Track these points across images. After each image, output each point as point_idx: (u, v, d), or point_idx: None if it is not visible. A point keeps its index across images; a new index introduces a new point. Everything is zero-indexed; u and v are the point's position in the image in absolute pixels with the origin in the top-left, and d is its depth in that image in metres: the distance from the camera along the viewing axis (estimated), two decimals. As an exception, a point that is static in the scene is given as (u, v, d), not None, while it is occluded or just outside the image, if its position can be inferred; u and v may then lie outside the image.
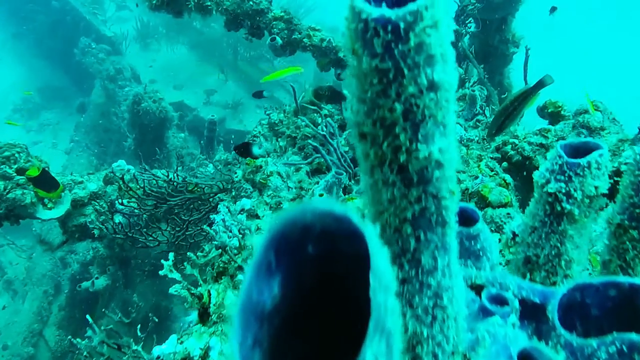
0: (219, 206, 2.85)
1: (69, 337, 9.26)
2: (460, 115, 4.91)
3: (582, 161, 1.05)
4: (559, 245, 1.12)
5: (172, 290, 2.30)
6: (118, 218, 4.53)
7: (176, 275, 2.25)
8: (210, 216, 2.84)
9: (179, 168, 5.97)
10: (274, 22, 5.41)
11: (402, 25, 0.46)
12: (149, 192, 4.13)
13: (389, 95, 0.49)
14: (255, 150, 3.38)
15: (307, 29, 5.37)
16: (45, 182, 4.32)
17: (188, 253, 2.28)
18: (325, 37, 5.29)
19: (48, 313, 9.56)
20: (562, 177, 1.07)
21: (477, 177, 3.07)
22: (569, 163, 1.06)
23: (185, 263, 2.26)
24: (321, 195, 3.01)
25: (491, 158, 3.29)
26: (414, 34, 0.46)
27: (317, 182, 3.56)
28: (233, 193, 3.81)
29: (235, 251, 2.59)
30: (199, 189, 4.06)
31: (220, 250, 2.68)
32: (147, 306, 8.91)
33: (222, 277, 2.59)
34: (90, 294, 8.24)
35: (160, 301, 7.98)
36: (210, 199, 4.09)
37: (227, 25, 5.66)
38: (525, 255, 1.17)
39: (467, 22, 5.22)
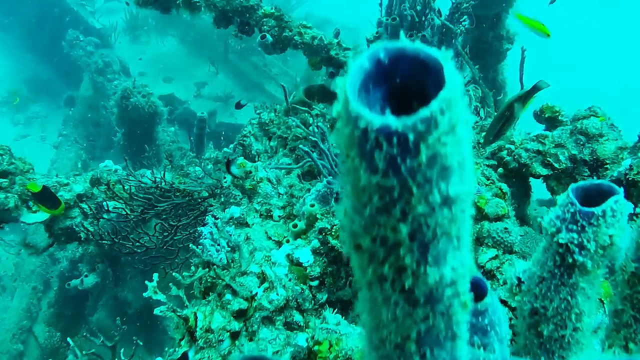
0: (206, 217, 2.75)
1: (58, 333, 9.20)
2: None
3: (597, 210, 0.96)
4: (569, 298, 1.03)
5: (157, 311, 2.21)
6: (105, 222, 4.42)
7: (161, 297, 2.16)
8: (198, 229, 2.74)
9: (167, 167, 5.87)
10: (264, 19, 5.29)
11: (411, 136, 0.36)
12: (136, 198, 4.02)
13: (392, 214, 0.39)
14: (234, 170, 3.28)
15: (298, 27, 5.25)
16: (47, 198, 4.22)
17: (174, 274, 2.18)
18: (317, 34, 5.17)
19: (37, 309, 9.46)
20: (575, 227, 0.98)
21: (473, 186, 2.99)
22: (582, 212, 0.97)
23: (170, 284, 2.16)
24: (312, 205, 2.91)
25: (487, 165, 3.20)
26: (426, 146, 0.36)
27: (309, 189, 3.47)
28: (222, 199, 3.71)
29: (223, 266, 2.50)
30: (187, 192, 3.95)
31: (207, 268, 2.59)
32: (138, 303, 8.83)
33: (210, 294, 2.50)
34: (80, 291, 8.14)
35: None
36: (199, 205, 3.99)
37: (216, 22, 5.53)
38: (532, 306, 1.08)
39: (461, 20, 5.12)
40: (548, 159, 3.19)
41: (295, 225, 2.99)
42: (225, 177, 3.84)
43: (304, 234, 2.98)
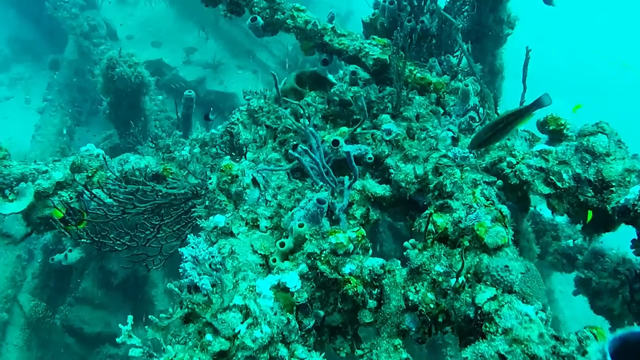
0: (188, 237, 2.58)
1: (44, 304, 9.10)
2: (452, 110, 4.62)
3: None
4: None
5: (132, 353, 2.05)
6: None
7: (135, 341, 2.00)
8: (179, 249, 2.57)
9: (152, 151, 5.65)
10: (255, 0, 5.00)
11: None
12: (117, 199, 3.82)
13: None
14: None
15: (291, 9, 4.97)
16: (71, 215, 4.12)
17: (150, 316, 2.02)
18: (311, 18, 4.90)
19: (22, 278, 9.34)
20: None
21: (471, 207, 2.83)
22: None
23: (146, 327, 2.00)
24: (301, 225, 2.74)
25: (486, 183, 3.03)
26: None
27: (298, 200, 3.29)
28: (207, 202, 3.52)
29: (205, 299, 2.34)
30: (171, 194, 3.76)
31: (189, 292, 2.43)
32: (123, 273, 8.74)
33: (191, 325, 2.34)
34: (64, 265, 8.03)
35: (137, 268, 7.80)
36: (183, 205, 3.80)
37: (204, 0, 5.24)
38: None
39: (462, 9, 4.85)
40: (551, 177, 3.02)
41: (282, 244, 2.83)
42: (210, 178, 3.65)
43: (291, 253, 2.82)
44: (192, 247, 2.57)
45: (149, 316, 2.08)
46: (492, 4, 5.97)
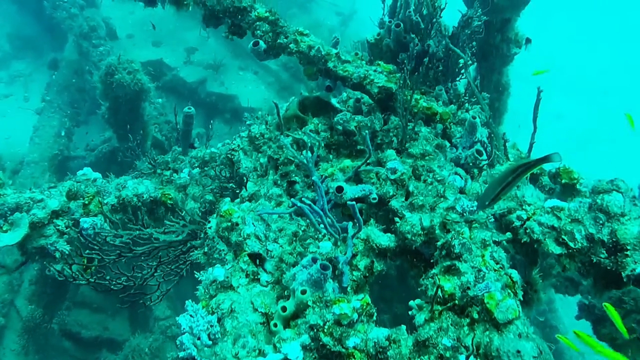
0: (186, 303, 2.47)
1: (41, 310, 9.01)
2: (459, 142, 4.50)
3: None
4: None
5: None
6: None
7: None
8: (176, 318, 2.47)
9: (150, 176, 5.53)
10: (258, 23, 4.85)
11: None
12: (113, 244, 3.72)
13: None
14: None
15: (294, 33, 4.82)
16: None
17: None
18: (314, 43, 4.75)
19: (19, 282, 9.26)
20: None
21: (480, 270, 2.72)
22: None
23: None
24: (304, 292, 2.63)
25: (496, 243, 2.92)
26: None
27: (300, 253, 3.18)
28: (206, 249, 3.41)
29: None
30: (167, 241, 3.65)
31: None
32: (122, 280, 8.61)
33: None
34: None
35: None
36: (181, 246, 3.70)
37: (205, 20, 5.11)
38: None
39: (472, 42, 4.67)
40: (563, 236, 2.91)
41: (284, 308, 2.72)
42: (209, 221, 3.54)
43: (293, 318, 2.71)
44: (191, 316, 2.46)
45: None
46: (500, 24, 5.84)
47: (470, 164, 4.23)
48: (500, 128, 6.28)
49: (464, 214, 3.09)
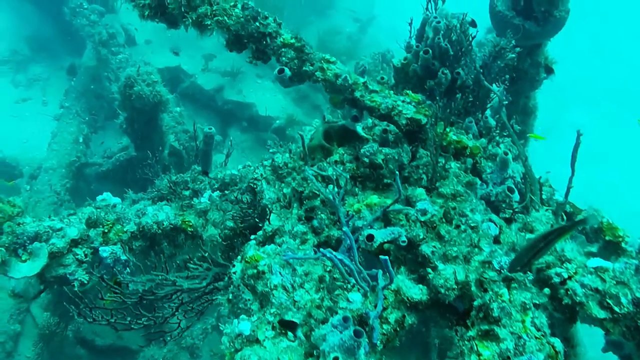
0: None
1: (56, 318, 8.98)
2: (489, 178, 4.36)
3: None
4: None
5: None
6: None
7: None
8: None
9: (170, 203, 5.42)
10: (283, 50, 4.73)
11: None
12: (135, 289, 3.63)
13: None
14: None
15: (320, 60, 4.69)
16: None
17: None
18: (341, 72, 4.61)
19: (35, 290, 9.24)
20: None
21: (520, 337, 2.59)
22: None
23: None
24: (336, 359, 2.51)
25: (536, 306, 2.78)
26: None
27: (330, 309, 3.06)
28: (230, 296, 3.30)
29: None
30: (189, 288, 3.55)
31: None
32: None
33: None
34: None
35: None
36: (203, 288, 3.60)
37: (228, 45, 4.98)
38: None
39: (503, 74, 4.51)
40: (608, 300, 2.77)
41: (314, 374, 2.61)
42: (234, 265, 3.43)
43: (324, 386, 2.60)
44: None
45: None
46: (529, 48, 5.68)
47: (501, 202, 4.10)
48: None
49: (502, 271, 2.96)
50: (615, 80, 24.50)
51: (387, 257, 2.89)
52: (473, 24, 4.67)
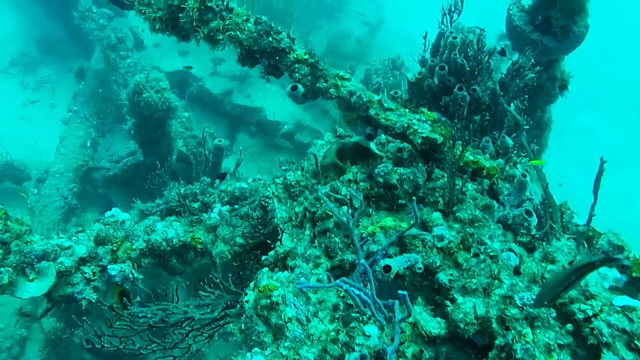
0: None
1: (62, 324, 8.94)
2: (506, 200, 4.26)
3: None
4: None
5: None
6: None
7: None
8: None
9: (179, 218, 5.34)
10: (297, 66, 4.63)
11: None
12: (145, 318, 3.54)
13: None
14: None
15: (335, 77, 4.59)
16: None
17: None
18: (355, 89, 4.50)
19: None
20: None
21: (546, 381, 2.49)
22: None
23: None
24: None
25: (560, 346, 2.68)
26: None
27: (346, 345, 2.96)
28: (242, 326, 3.22)
29: None
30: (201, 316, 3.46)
31: None
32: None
33: None
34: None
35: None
36: (216, 315, 3.51)
37: (240, 60, 4.90)
38: None
39: (524, 94, 4.39)
40: (636, 341, 2.67)
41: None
42: (246, 294, 3.34)
43: None
44: None
45: None
46: (546, 63, 5.57)
47: (519, 225, 4.00)
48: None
49: (524, 308, 2.86)
50: (629, 84, 24.26)
51: (405, 293, 2.80)
52: (503, 52, 4.55)
